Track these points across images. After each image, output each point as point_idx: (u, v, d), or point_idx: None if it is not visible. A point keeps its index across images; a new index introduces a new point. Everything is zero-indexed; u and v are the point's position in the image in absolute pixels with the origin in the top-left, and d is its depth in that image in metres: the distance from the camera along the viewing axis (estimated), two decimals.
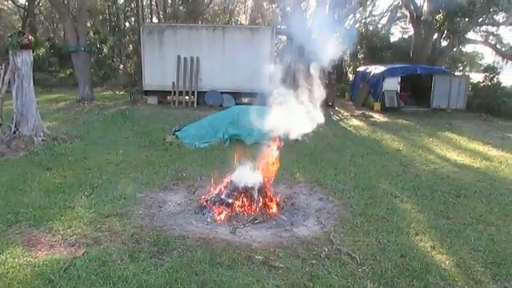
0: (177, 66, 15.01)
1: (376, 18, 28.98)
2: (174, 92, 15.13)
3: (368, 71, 18.72)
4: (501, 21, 20.45)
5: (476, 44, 23.95)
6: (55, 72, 24.58)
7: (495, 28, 21.91)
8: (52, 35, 30.46)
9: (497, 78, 18.98)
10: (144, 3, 30.82)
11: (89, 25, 23.98)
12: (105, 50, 26.03)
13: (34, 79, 8.60)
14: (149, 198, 5.22)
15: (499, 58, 22.41)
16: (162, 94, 15.65)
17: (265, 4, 22.23)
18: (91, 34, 24.12)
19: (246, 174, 4.91)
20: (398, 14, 27.21)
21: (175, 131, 9.12)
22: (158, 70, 15.13)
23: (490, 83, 18.81)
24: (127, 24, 32.10)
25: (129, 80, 21.27)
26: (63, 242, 3.89)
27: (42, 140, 8.21)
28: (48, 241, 3.92)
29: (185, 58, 14.99)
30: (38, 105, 8.85)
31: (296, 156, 7.42)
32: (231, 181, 4.89)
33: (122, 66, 27.07)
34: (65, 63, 24.41)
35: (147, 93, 15.68)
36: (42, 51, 25.29)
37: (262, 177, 4.94)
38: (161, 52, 15.13)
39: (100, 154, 7.55)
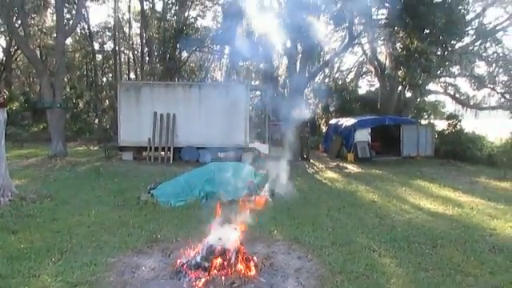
0: (153, 123, 15.09)
1: (344, 72, 30.66)
2: (150, 148, 15.07)
3: (340, 123, 19.42)
4: (456, 73, 22.16)
5: (437, 94, 25.54)
6: (28, 126, 24.23)
7: (453, 79, 23.67)
8: (27, 89, 30.38)
9: (459, 125, 20.15)
10: (122, 60, 31.52)
11: (66, 79, 24.14)
12: (80, 105, 26.09)
13: (5, 134, 8.39)
14: (121, 263, 4.99)
15: (459, 106, 23.91)
16: (137, 150, 15.54)
17: (239, 61, 23.18)
18: (68, 89, 24.22)
19: (223, 235, 4.82)
20: (364, 69, 28.91)
21: (150, 189, 8.96)
22: (134, 126, 15.15)
23: (453, 130, 19.89)
24: (104, 79, 32.52)
25: (104, 135, 21.16)
26: None
27: (9, 200, 7.87)
28: None
29: (161, 115, 15.13)
30: (7, 161, 8.58)
31: (273, 212, 7.38)
32: (207, 242, 4.78)
33: (97, 121, 27.00)
34: (38, 117, 24.18)
35: (122, 148, 15.54)
36: (15, 105, 25.04)
37: (239, 237, 4.86)
38: (137, 108, 15.26)
39: (71, 214, 7.27)
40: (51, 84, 15.92)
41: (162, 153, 15.17)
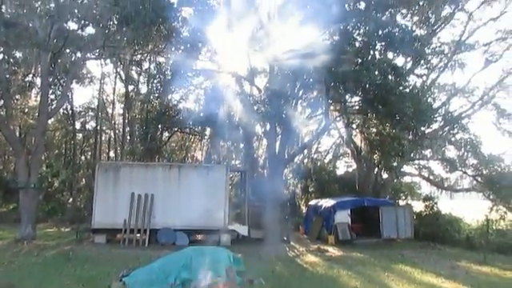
0: (130, 204, 14.74)
1: (322, 153, 31.55)
2: (125, 230, 14.50)
3: (319, 204, 19.45)
4: (429, 156, 23.17)
5: (412, 176, 26.28)
6: None
7: (426, 162, 24.63)
8: (1, 167, 29.58)
9: (436, 207, 20.52)
10: (103, 138, 31.65)
11: (43, 157, 23.79)
12: (56, 184, 25.40)
13: None
14: None
15: (434, 188, 24.54)
16: (111, 233, 14.90)
17: (220, 142, 23.76)
18: (44, 167, 23.73)
19: None
20: (341, 151, 29.89)
21: (122, 276, 8.42)
22: (110, 207, 14.73)
23: (431, 212, 20.23)
24: (83, 158, 32.21)
25: (77, 215, 20.40)
26: None
27: None
28: None
29: (139, 196, 14.86)
30: None
31: None
32: None
33: (71, 200, 26.14)
34: (9, 197, 23.27)
35: (96, 231, 14.88)
36: None
37: None
38: (114, 189, 14.98)
39: None
40: (27, 163, 15.65)
41: (138, 235, 14.59)
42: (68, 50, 17.22)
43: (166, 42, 16.98)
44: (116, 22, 15.69)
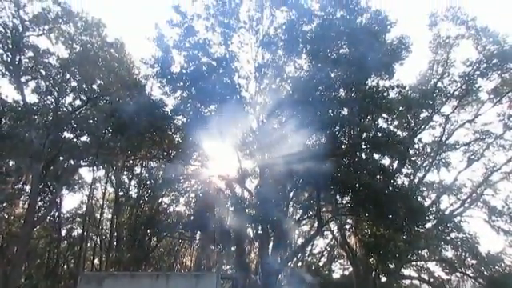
0: None
1: (317, 256, 30.21)
2: None
3: None
4: (426, 256, 22.34)
5: (412, 279, 24.94)
6: None
7: (423, 263, 23.59)
8: None
9: None
10: (88, 244, 30.18)
11: (23, 268, 22.31)
12: None
13: None
14: None
15: None
16: None
17: (210, 246, 22.88)
18: (23, 279, 22.09)
19: None
20: (336, 252, 28.75)
21: None
22: None
23: None
24: (65, 266, 30.28)
25: None
26: None
27: None
28: None
29: None
30: None
31: None
32: None
33: None
34: None
35: None
36: None
37: None
38: None
39: None
40: (6, 275, 14.62)
41: None
42: (61, 158, 17.46)
43: (158, 149, 17.45)
44: (110, 131, 16.30)
